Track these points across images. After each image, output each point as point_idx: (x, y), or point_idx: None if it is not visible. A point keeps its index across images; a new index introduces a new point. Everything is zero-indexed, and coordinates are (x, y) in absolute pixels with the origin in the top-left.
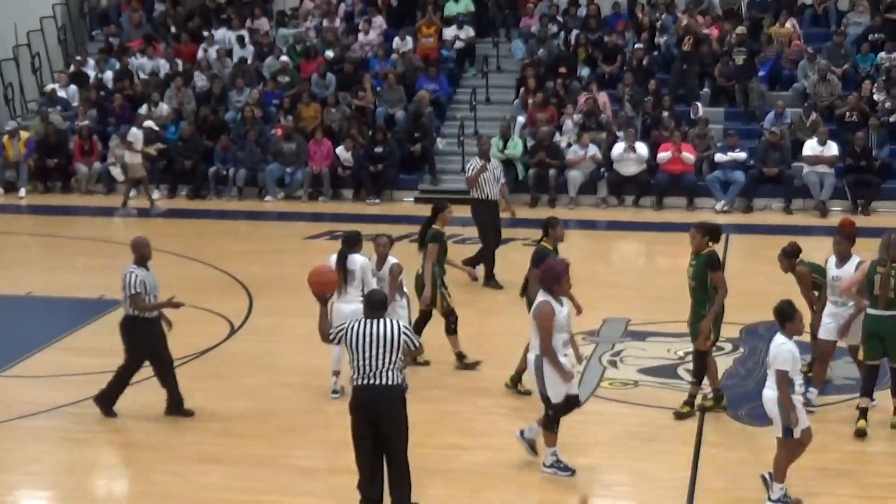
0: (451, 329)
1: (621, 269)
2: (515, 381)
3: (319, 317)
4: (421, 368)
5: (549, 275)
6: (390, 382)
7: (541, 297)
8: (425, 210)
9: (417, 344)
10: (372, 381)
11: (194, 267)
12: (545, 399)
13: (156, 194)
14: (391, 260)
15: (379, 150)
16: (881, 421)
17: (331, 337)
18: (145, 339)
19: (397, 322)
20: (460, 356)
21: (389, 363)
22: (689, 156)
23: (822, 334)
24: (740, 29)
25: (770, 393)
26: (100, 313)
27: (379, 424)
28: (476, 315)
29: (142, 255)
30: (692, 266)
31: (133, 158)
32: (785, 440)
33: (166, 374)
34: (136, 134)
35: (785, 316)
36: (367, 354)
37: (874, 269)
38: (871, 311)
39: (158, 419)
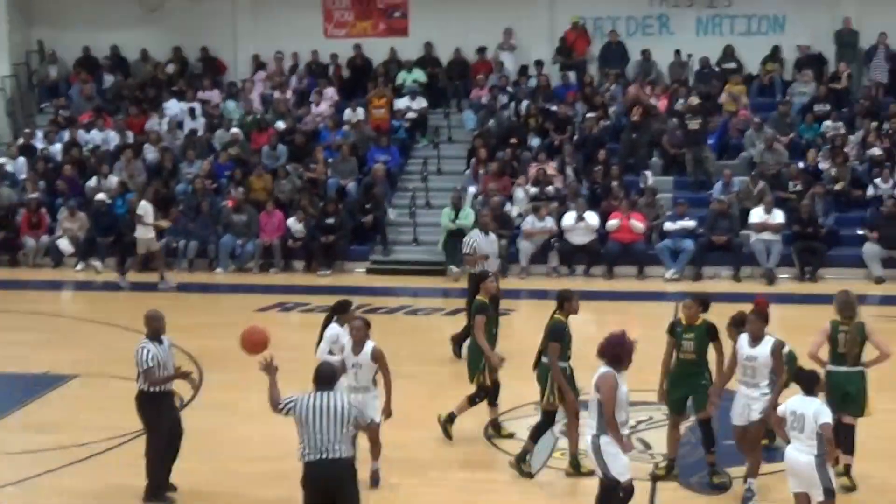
0: (473, 400)
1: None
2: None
3: (269, 386)
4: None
5: (619, 349)
6: (342, 456)
7: (604, 368)
8: (378, 281)
9: (369, 419)
10: (323, 456)
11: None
12: (612, 482)
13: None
14: (370, 344)
15: (330, 221)
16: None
17: (280, 408)
18: (162, 413)
19: (346, 395)
20: (450, 420)
21: (340, 436)
22: (638, 224)
23: (733, 419)
24: (693, 98)
25: (804, 457)
26: (46, 389)
27: (333, 498)
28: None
29: (154, 328)
30: (688, 339)
31: (145, 233)
32: (828, 501)
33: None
34: (145, 207)
35: (813, 381)
36: (317, 428)
37: (836, 328)
38: (836, 368)
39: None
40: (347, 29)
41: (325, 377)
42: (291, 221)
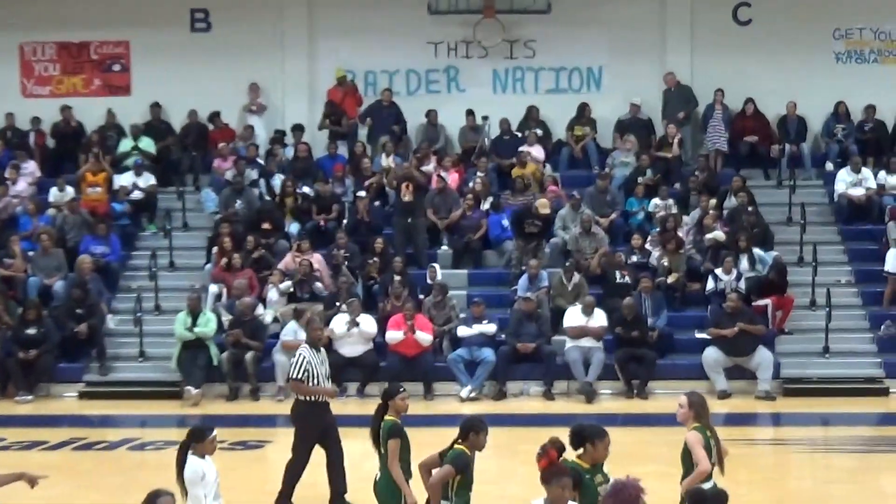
0: None
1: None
2: None
3: None
4: None
5: (623, 500)
6: None
7: None
8: (94, 407)
9: None
10: None
11: None
12: None
13: None
14: None
15: (31, 331)
16: None
17: None
18: None
19: None
20: None
21: None
22: (425, 336)
23: None
24: (480, 176)
25: None
26: None
27: None
28: None
29: None
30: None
31: None
32: None
33: None
34: None
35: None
36: None
37: (706, 433)
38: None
39: None
40: (52, 86)
41: None
42: None
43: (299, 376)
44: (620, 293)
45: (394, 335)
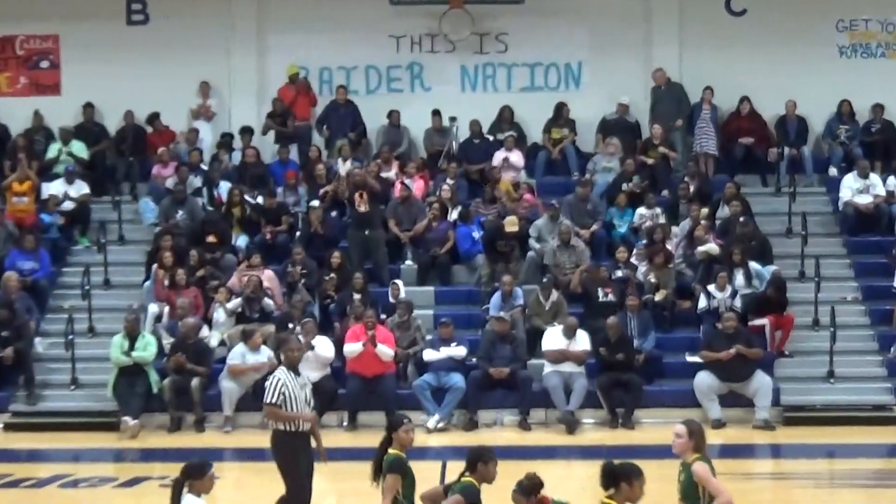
0: None
1: None
2: None
3: None
4: None
5: None
6: None
7: None
8: (21, 440)
9: None
10: None
11: None
12: None
13: None
14: None
15: None
16: None
17: None
18: None
19: None
20: None
21: None
22: (386, 350)
23: None
24: (448, 183)
25: None
26: None
27: None
28: None
29: None
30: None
31: None
32: None
33: None
34: None
35: None
36: None
37: (710, 464)
38: None
39: None
40: None
41: None
42: None
43: (274, 401)
44: (604, 312)
45: (352, 348)
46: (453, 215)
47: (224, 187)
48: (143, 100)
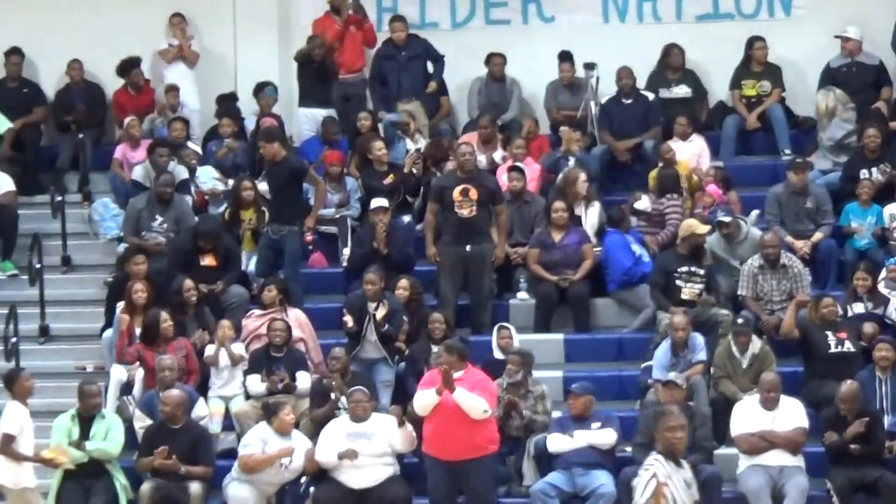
0: None
1: None
2: None
3: None
4: None
5: None
6: None
7: None
8: None
9: None
10: None
11: None
12: None
13: None
14: None
15: None
16: None
17: None
18: None
19: None
20: None
21: None
22: (475, 402)
23: None
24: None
25: None
26: None
27: None
28: None
29: None
30: None
31: None
32: None
33: None
34: None
35: None
36: None
37: None
38: None
39: None
40: None
41: None
42: None
43: None
44: (835, 371)
45: (424, 399)
46: (592, 217)
47: (207, 175)
48: (95, 44)
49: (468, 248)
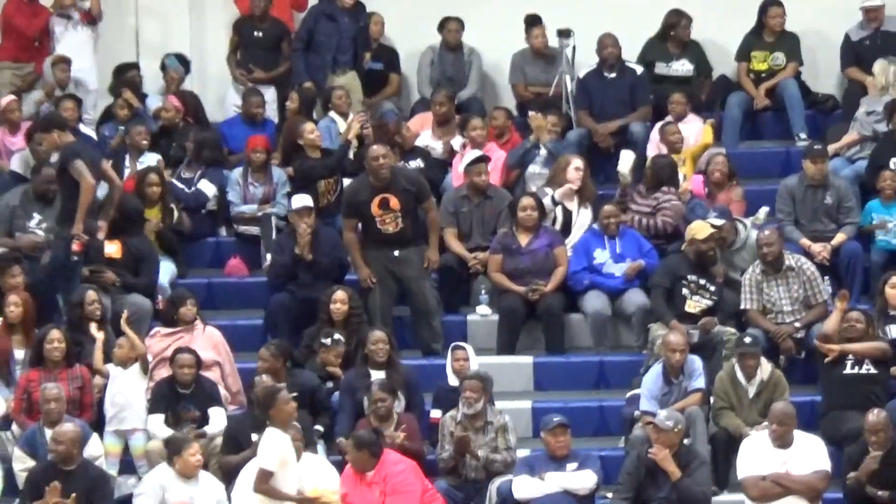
0: None
1: None
2: None
3: None
4: None
5: None
6: None
7: None
8: None
9: None
10: None
11: None
12: None
13: None
14: None
15: None
16: None
17: None
18: None
19: None
20: None
21: None
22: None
23: None
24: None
25: None
26: None
27: None
28: None
29: None
30: None
31: None
32: None
33: None
34: None
35: None
36: None
37: None
38: None
39: None
40: None
41: None
42: None
43: None
44: (856, 398)
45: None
46: (583, 219)
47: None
48: None
49: (396, 252)
